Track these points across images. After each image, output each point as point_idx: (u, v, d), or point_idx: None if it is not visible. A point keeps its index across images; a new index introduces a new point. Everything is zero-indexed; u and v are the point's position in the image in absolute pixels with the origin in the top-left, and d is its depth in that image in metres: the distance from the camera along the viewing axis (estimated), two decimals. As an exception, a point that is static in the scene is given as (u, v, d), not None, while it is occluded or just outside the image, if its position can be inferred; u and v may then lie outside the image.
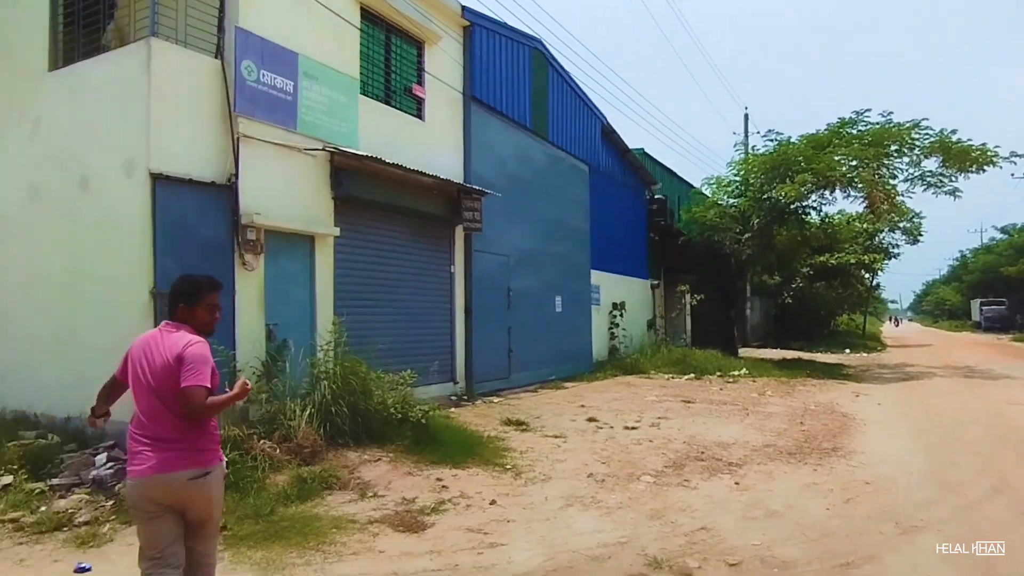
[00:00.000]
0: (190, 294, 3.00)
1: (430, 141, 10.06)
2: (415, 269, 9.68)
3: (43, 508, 5.17)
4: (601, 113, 16.23)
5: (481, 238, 10.81)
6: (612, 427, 8.53)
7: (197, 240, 6.65)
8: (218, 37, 7.04)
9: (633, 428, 8.46)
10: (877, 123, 15.97)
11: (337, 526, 4.88)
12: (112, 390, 3.19)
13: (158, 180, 6.35)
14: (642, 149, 19.92)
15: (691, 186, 24.05)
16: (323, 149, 8.01)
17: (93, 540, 4.64)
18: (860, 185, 15.94)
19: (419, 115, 10.07)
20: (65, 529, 4.86)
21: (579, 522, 5.06)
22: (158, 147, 6.37)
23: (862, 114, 16.31)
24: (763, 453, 7.17)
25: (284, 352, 7.07)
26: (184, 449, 2.87)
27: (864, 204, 16.98)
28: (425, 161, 9.49)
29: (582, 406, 10.09)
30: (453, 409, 8.88)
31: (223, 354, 6.44)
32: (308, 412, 6.42)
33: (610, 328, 16.60)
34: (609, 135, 16.95)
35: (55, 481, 5.64)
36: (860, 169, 15.71)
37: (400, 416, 6.87)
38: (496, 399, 10.41)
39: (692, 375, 14.26)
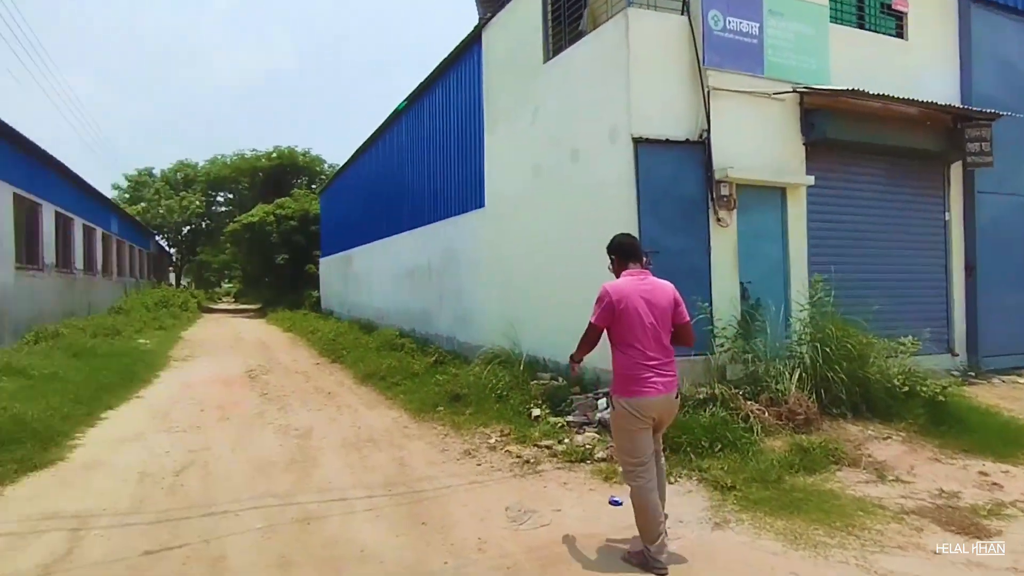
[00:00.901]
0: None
1: (914, 62, 8.32)
2: (897, 218, 8.18)
3: (567, 440, 5.93)
4: None
5: (988, 175, 8.55)
6: None
7: (674, 199, 6.76)
8: (684, -8, 6.93)
9: None
10: None
11: (862, 509, 4.31)
12: (597, 339, 3.76)
13: (639, 144, 6.62)
14: None
15: None
16: (792, 91, 7.29)
17: (614, 476, 5.01)
18: None
19: (900, 33, 8.40)
20: (588, 462, 5.43)
21: None
22: (637, 112, 6.63)
23: None
24: None
25: (761, 311, 6.72)
26: (673, 373, 3.66)
27: None
28: (908, 86, 7.86)
29: None
30: (964, 388, 7.26)
31: (703, 310, 6.46)
32: (797, 376, 5.94)
33: None
34: None
35: (570, 418, 6.45)
36: None
37: (907, 390, 5.84)
38: (1021, 379, 8.18)
39: None
